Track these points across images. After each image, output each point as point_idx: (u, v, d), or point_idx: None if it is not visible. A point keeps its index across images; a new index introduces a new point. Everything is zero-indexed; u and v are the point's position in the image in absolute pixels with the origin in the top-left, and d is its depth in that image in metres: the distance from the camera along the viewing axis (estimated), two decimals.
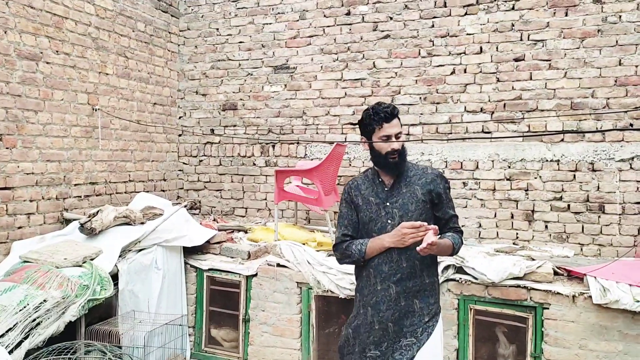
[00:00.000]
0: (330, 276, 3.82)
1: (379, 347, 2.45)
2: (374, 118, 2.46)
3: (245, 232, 4.77)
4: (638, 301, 3.14)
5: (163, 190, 5.37)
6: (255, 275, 4.07)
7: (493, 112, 4.52)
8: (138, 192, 4.89)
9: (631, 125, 4.11)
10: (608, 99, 4.18)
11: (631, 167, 4.12)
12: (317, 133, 5.13)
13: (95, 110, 4.53)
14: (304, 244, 4.27)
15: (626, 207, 4.14)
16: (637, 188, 4.11)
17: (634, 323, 3.19)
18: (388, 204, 2.48)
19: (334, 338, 4.04)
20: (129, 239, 3.79)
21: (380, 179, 2.54)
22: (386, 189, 2.51)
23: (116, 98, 4.78)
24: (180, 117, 5.66)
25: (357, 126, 2.61)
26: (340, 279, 3.78)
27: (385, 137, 2.46)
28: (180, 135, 5.65)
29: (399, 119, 2.50)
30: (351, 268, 3.82)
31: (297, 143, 5.23)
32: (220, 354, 4.23)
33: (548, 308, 3.37)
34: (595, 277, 3.32)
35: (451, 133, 4.62)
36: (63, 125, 4.24)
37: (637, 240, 4.08)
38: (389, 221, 2.45)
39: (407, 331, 2.43)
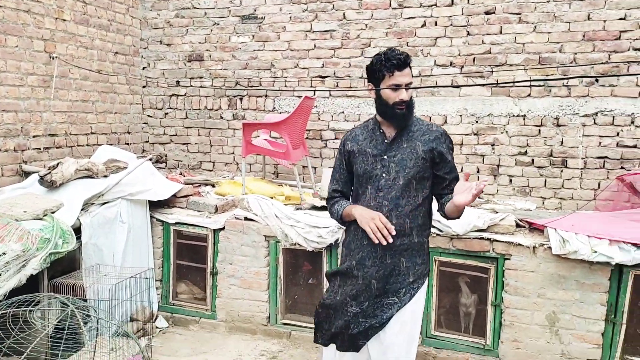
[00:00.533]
0: (298, 229, 3.83)
1: (360, 303, 2.40)
2: (385, 64, 2.30)
3: (213, 186, 4.72)
4: (595, 252, 3.25)
5: (127, 144, 5.23)
6: (223, 228, 4.05)
7: (462, 67, 4.50)
8: (101, 144, 4.74)
9: (596, 80, 4.16)
10: (575, 53, 4.20)
11: (594, 123, 4.19)
12: (285, 86, 5.03)
13: (53, 58, 4.32)
14: (272, 197, 4.25)
15: (588, 162, 4.23)
16: (600, 143, 4.19)
17: (591, 273, 3.32)
18: (386, 157, 2.38)
19: (302, 290, 4.09)
20: (91, 192, 3.69)
21: (381, 130, 2.42)
22: (386, 141, 2.40)
23: (75, 46, 4.56)
24: (144, 68, 5.46)
25: (365, 70, 2.43)
26: (308, 232, 3.80)
27: (394, 86, 2.30)
28: (144, 86, 5.47)
29: (410, 68, 2.35)
30: (318, 222, 3.86)
31: (266, 96, 5.12)
32: (187, 307, 4.25)
33: (509, 259, 3.47)
34: (555, 229, 3.42)
35: (420, 87, 4.59)
36: (19, 73, 4.04)
37: (597, 193, 4.20)
38: (384, 175, 2.36)
39: (389, 290, 2.39)
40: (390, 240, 2.22)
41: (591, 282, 3.33)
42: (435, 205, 2.54)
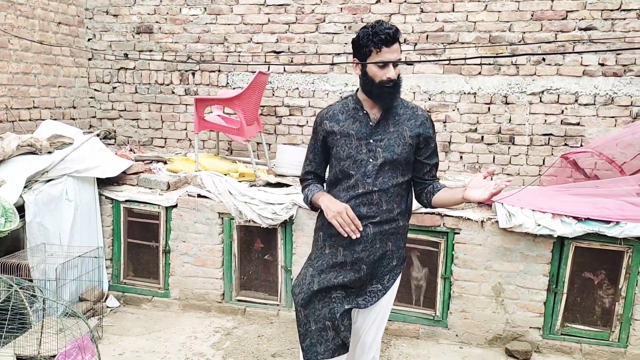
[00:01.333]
0: (252, 206, 3.81)
1: (346, 288, 2.30)
2: (373, 39, 2.12)
3: (165, 162, 4.61)
4: (539, 225, 3.39)
5: (73, 119, 5.02)
6: (175, 206, 3.98)
7: (416, 44, 4.53)
8: (44, 119, 4.53)
9: (543, 59, 4.28)
10: (524, 32, 4.30)
11: (541, 100, 4.33)
12: (239, 61, 4.94)
13: None
14: (225, 174, 4.20)
15: (534, 139, 4.38)
16: (545, 120, 4.34)
17: (535, 245, 3.47)
18: (372, 141, 2.23)
19: (256, 266, 4.09)
20: (34, 168, 3.54)
21: (364, 111, 2.25)
22: (371, 123, 2.24)
23: (14, 15, 4.31)
24: (89, 40, 5.23)
25: (351, 44, 2.27)
26: (262, 209, 3.78)
27: (381, 64, 2.14)
28: (90, 59, 5.24)
29: (399, 43, 2.18)
30: (273, 198, 3.85)
31: (219, 71, 5.02)
32: (140, 286, 4.18)
33: (459, 233, 3.57)
34: (502, 204, 3.54)
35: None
36: None
37: (542, 169, 4.36)
38: (371, 160, 2.22)
39: (375, 274, 2.31)
40: (358, 235, 2.15)
41: (535, 254, 3.48)
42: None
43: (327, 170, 2.44)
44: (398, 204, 2.29)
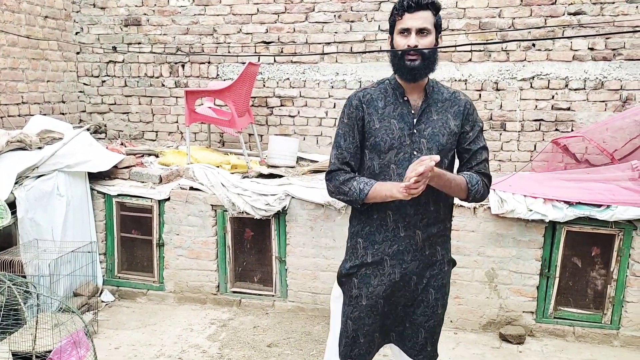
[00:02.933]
0: (245, 198, 3.81)
1: (394, 303, 2.07)
2: (396, 6, 1.93)
3: (156, 156, 4.59)
4: (531, 210, 3.41)
5: (62, 113, 4.98)
6: (168, 199, 3.97)
7: None
8: (33, 115, 4.49)
9: (533, 45, 4.28)
10: (514, 18, 4.30)
11: (531, 86, 4.33)
12: (229, 52, 4.91)
13: None
14: (218, 166, 4.19)
15: (525, 125, 4.39)
16: (536, 106, 4.35)
17: (527, 230, 3.49)
18: (415, 131, 1.97)
19: (251, 257, 4.10)
20: (25, 164, 3.52)
21: (405, 98, 2.00)
22: (413, 111, 1.99)
23: None
24: (77, 33, 5.17)
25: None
26: (255, 201, 3.78)
27: (404, 32, 1.91)
28: (78, 53, 5.19)
29: (433, 12, 1.92)
30: (266, 189, 3.85)
31: (209, 63, 4.98)
32: (134, 279, 4.17)
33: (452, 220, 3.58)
34: (494, 190, 3.55)
35: (365, 52, 4.59)
36: None
37: (533, 155, 4.37)
38: (415, 152, 1.96)
39: (428, 284, 2.06)
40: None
41: (527, 239, 3.50)
42: None
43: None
44: (444, 202, 2.04)
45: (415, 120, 1.98)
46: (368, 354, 2.13)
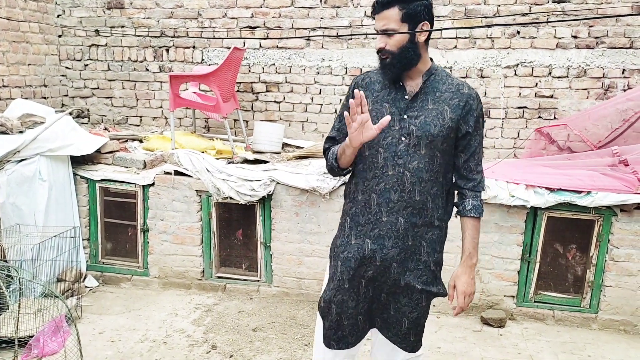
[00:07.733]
0: (230, 183, 3.80)
1: (378, 289, 2.08)
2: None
3: (141, 141, 4.55)
4: (513, 196, 3.46)
5: (44, 97, 4.91)
6: (153, 184, 3.95)
7: None
8: (14, 99, 4.42)
9: (518, 32, 4.30)
10: (499, 5, 4.31)
11: (515, 74, 4.36)
12: (214, 37, 4.86)
13: None
14: (203, 152, 4.17)
15: (509, 112, 4.43)
16: (519, 94, 4.38)
17: (508, 216, 3.54)
18: (406, 116, 1.95)
19: (236, 243, 4.10)
20: (5, 148, 3.47)
21: (400, 83, 1.99)
22: (407, 97, 1.97)
23: None
24: (58, 16, 5.08)
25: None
26: (240, 186, 3.78)
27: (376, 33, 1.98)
28: (60, 36, 5.10)
29: (401, 7, 1.91)
30: (251, 175, 3.84)
31: (193, 47, 4.93)
32: (118, 265, 4.16)
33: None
34: None
35: (351, 38, 4.58)
36: None
37: (516, 142, 4.41)
38: (403, 138, 1.94)
39: (413, 277, 2.04)
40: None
41: (509, 225, 3.55)
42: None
43: None
44: (433, 197, 1.99)
45: (406, 106, 1.97)
46: (351, 336, 2.14)
